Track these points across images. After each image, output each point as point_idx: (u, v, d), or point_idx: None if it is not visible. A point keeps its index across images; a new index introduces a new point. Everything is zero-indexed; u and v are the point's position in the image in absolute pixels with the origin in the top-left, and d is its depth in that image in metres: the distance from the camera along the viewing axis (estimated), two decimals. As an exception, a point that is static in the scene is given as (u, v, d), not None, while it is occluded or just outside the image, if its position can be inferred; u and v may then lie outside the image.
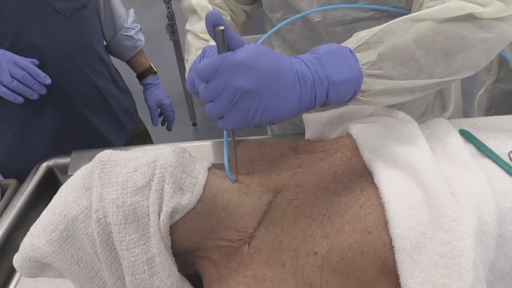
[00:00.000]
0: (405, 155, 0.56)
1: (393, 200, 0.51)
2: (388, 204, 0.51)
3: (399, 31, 0.56)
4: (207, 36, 0.82)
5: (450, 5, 0.56)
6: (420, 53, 0.55)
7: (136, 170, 0.57)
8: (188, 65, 0.80)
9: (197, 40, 0.84)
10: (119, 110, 1.24)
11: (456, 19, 0.56)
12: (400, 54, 0.55)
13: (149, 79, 1.35)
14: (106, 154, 0.59)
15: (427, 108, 0.97)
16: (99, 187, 0.56)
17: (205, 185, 0.58)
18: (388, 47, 0.55)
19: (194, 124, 2.88)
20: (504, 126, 0.75)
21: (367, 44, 0.56)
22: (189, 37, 0.88)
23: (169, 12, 2.34)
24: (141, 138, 1.38)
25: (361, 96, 0.56)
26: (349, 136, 0.66)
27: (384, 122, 0.65)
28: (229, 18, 0.92)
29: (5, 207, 0.86)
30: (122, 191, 0.55)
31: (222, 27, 0.48)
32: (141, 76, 1.36)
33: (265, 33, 0.99)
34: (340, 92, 0.54)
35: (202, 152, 0.93)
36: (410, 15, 0.58)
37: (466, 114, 1.24)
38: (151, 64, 1.37)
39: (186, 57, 0.86)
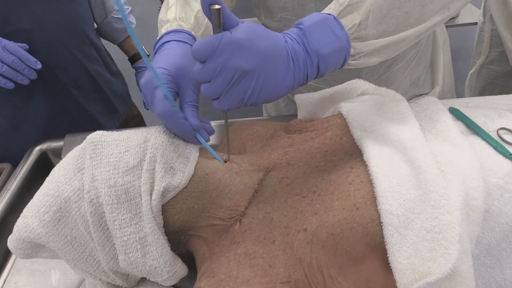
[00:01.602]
0: (394, 133, 0.56)
1: (381, 176, 0.52)
2: (377, 180, 0.52)
3: None
4: (172, 1, 0.74)
5: None
6: None
7: (127, 151, 0.57)
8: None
9: (164, 9, 0.76)
10: (111, 93, 1.23)
11: None
12: (382, 7, 0.54)
13: (141, 62, 1.34)
14: (97, 135, 0.59)
15: (418, 81, 0.96)
16: (91, 167, 0.56)
17: (196, 165, 0.58)
18: (370, 3, 0.54)
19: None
20: (497, 105, 0.75)
21: (350, 6, 0.55)
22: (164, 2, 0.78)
23: (162, -5, 2.31)
24: (134, 122, 1.38)
25: (352, 60, 0.56)
26: (339, 115, 0.66)
27: (374, 100, 0.65)
28: None
29: (-1, 191, 0.87)
30: (114, 171, 0.55)
31: (218, 6, 0.47)
32: (133, 59, 1.34)
33: (255, 16, 0.97)
34: (330, 63, 0.54)
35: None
36: None
37: (460, 96, 1.25)
38: (143, 46, 1.36)
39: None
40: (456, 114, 0.64)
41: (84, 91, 1.14)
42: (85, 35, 1.12)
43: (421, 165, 0.51)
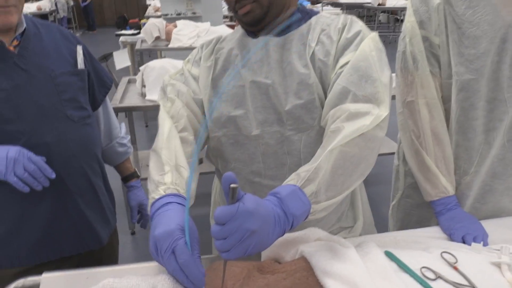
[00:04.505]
0: (349, 275, 0.75)
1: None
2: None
3: (325, 164, 0.80)
4: (167, 167, 0.90)
5: (348, 130, 0.82)
6: (339, 172, 0.81)
7: (137, 296, 0.69)
8: (150, 201, 0.86)
9: (157, 172, 0.90)
10: (106, 206, 1.38)
11: (353, 140, 0.82)
12: (328, 181, 0.79)
13: (133, 182, 1.54)
14: (109, 282, 0.70)
15: (341, 216, 1.19)
16: (103, 312, 0.67)
17: None
18: (320, 179, 0.79)
19: (133, 233, 2.91)
20: (417, 239, 0.98)
21: (308, 180, 0.79)
22: (153, 160, 0.94)
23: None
24: (115, 236, 1.51)
25: (311, 216, 0.79)
26: (304, 258, 0.83)
27: (329, 246, 0.85)
28: (192, 138, 1.02)
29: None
30: (126, 315, 0.66)
31: (236, 185, 0.65)
32: (126, 179, 1.54)
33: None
34: (300, 221, 0.76)
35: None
36: (329, 147, 0.82)
37: (382, 220, 1.49)
38: (136, 169, 1.57)
39: (150, 190, 0.89)
40: (390, 256, 0.84)
41: (86, 199, 1.28)
42: (94, 153, 1.31)
43: (370, 300, 0.69)
